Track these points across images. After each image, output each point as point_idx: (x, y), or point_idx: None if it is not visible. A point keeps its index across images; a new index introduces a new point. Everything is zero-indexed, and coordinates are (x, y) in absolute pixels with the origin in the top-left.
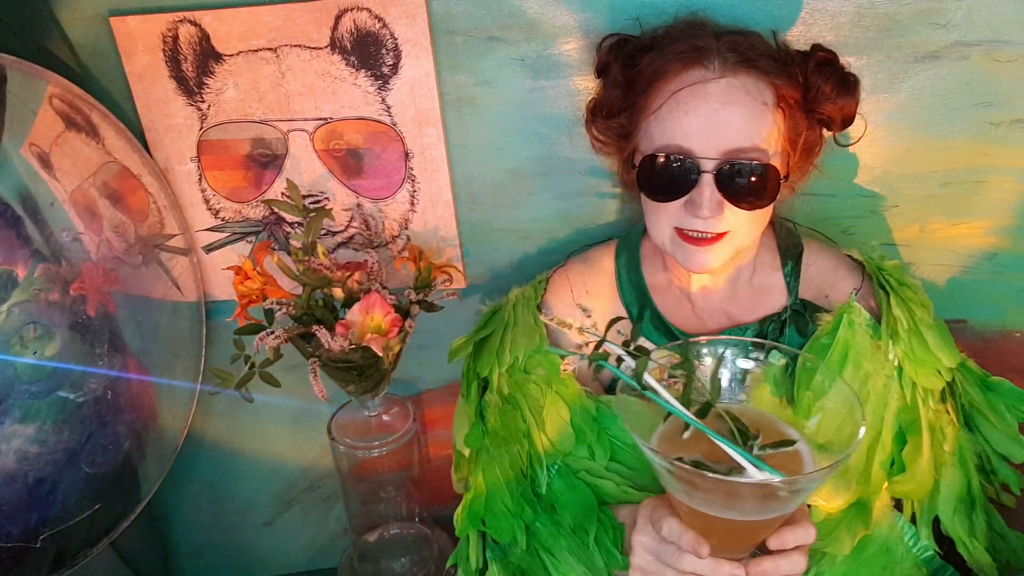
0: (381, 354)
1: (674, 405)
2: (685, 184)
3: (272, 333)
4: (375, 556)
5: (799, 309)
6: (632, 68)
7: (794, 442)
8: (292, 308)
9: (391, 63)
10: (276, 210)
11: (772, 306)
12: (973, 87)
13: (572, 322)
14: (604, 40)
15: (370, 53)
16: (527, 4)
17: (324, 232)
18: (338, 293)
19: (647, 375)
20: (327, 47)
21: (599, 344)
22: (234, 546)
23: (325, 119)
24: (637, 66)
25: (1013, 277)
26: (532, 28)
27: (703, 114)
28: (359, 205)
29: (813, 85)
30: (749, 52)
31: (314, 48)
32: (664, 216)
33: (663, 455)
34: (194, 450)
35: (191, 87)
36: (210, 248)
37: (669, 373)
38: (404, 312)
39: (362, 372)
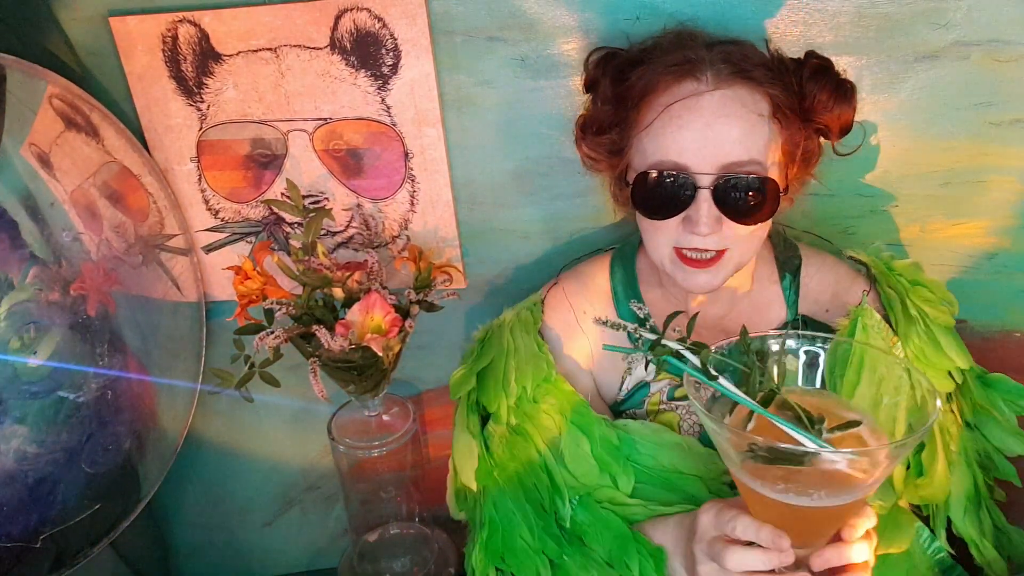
0: (381, 354)
1: (739, 394)
2: (681, 201)
3: (272, 333)
4: (375, 556)
5: (798, 327)
6: (622, 82)
7: (859, 423)
8: (292, 308)
9: (391, 63)
10: (276, 210)
11: (771, 321)
12: (973, 87)
13: (626, 323)
14: (592, 54)
15: (370, 53)
16: (527, 4)
17: (324, 232)
18: (338, 293)
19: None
20: (327, 47)
21: (657, 342)
22: (234, 546)
23: (325, 119)
24: (627, 80)
25: (1013, 277)
26: (532, 28)
27: (697, 128)
28: (359, 205)
29: (809, 93)
30: (742, 62)
31: (314, 48)
32: (662, 235)
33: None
34: (194, 450)
35: (191, 87)
36: (210, 248)
37: (716, 366)
38: (404, 312)
39: (362, 372)
